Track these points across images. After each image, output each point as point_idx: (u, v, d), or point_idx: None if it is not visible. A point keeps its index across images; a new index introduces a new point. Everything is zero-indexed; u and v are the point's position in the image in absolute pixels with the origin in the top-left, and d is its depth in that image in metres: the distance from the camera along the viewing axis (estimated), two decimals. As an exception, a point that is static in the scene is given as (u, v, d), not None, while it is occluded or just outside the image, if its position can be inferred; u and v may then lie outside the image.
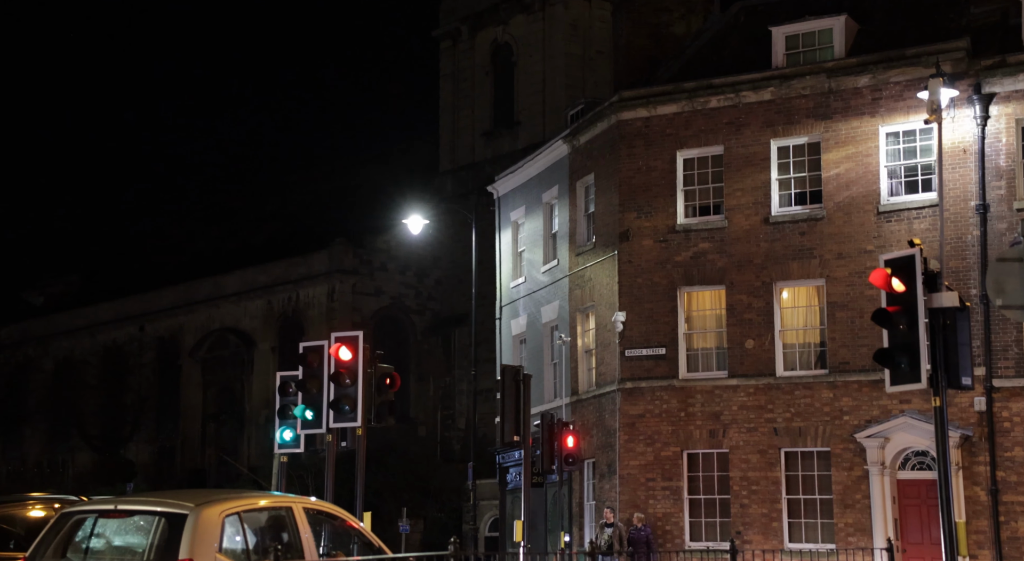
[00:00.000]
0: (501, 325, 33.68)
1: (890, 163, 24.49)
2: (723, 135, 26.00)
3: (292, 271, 48.32)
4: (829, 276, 24.77)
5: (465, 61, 47.82)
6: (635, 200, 26.66)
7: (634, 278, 26.53)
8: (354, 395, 17.99)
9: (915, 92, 23.60)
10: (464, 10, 47.78)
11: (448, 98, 48.42)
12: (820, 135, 25.11)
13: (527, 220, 32.31)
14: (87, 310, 56.65)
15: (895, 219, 24.19)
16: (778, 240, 25.32)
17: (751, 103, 25.78)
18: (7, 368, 55.91)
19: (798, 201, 25.42)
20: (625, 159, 26.82)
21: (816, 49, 26.35)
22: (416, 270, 48.51)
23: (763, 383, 25.16)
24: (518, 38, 46.23)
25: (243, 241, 54.63)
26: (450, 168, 48.27)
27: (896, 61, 24.36)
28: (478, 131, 47.50)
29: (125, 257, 62.64)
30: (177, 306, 52.22)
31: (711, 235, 25.94)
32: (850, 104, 24.82)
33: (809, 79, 25.21)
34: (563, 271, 29.81)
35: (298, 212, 54.45)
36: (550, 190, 30.89)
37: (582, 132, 28.83)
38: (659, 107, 26.64)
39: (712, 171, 26.24)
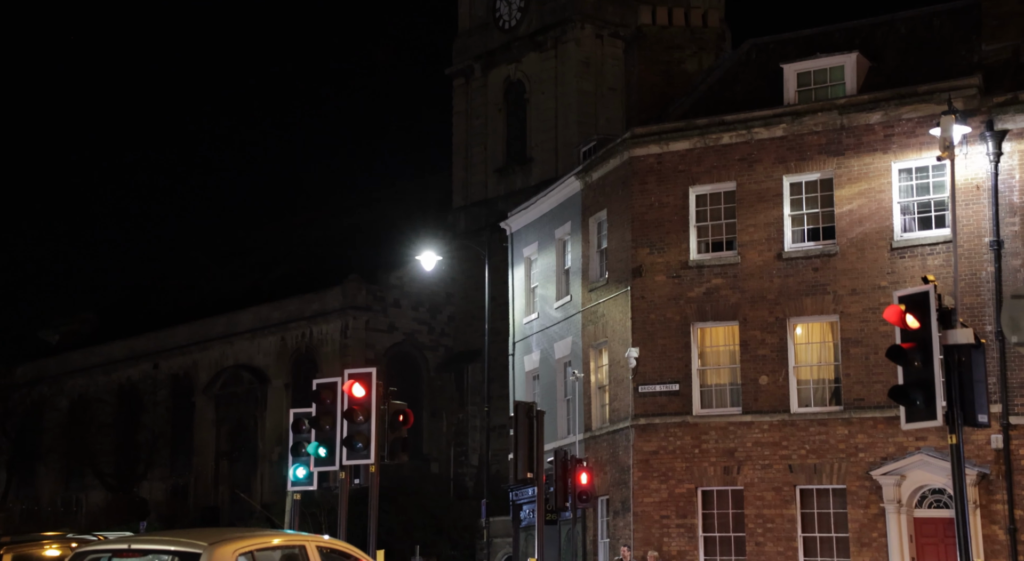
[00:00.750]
0: (514, 361, 33.64)
1: (903, 199, 24.48)
2: (735, 171, 26.04)
3: (306, 308, 48.40)
4: (843, 312, 24.70)
5: (478, 98, 48.07)
6: (648, 236, 26.68)
7: (647, 314, 26.49)
8: (367, 432, 17.96)
9: (927, 129, 23.63)
10: (477, 48, 48.08)
11: (461, 135, 48.63)
12: (833, 171, 25.13)
13: (540, 256, 32.35)
14: (102, 348, 56.78)
15: (909, 255, 24.14)
16: (791, 276, 25.28)
17: (763, 139, 25.84)
18: (22, 407, 55.97)
19: (811, 237, 25.40)
20: (638, 195, 26.87)
21: (828, 86, 26.43)
22: (429, 306, 48.55)
23: (777, 420, 25.03)
24: (531, 75, 46.47)
25: (257, 278, 54.78)
26: (463, 204, 48.40)
27: (908, 98, 24.41)
28: (491, 167, 47.67)
29: (140, 295, 62.85)
30: (191, 343, 52.30)
31: (724, 271, 25.92)
32: (862, 140, 24.86)
33: (821, 116, 25.27)
34: (576, 307, 29.79)
35: (312, 249, 54.60)
36: (563, 226, 30.94)
37: (594, 168, 28.91)
38: (671, 143, 26.72)
39: (725, 207, 26.25)
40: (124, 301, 63.27)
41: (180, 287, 60.10)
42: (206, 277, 59.30)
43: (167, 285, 61.96)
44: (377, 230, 51.70)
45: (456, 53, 48.87)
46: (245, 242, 60.48)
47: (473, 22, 48.40)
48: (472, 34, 48.29)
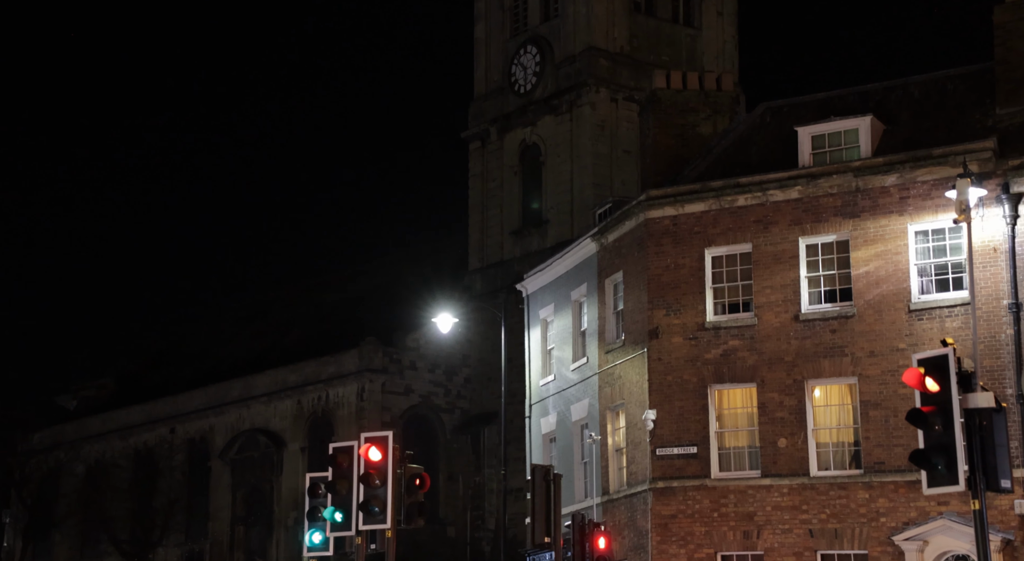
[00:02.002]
0: (531, 423, 33.49)
1: (920, 261, 24.46)
2: (751, 233, 26.09)
3: (322, 370, 48.38)
4: (861, 374, 24.57)
5: (494, 161, 48.41)
6: (664, 298, 26.68)
7: (664, 376, 26.41)
8: (384, 496, 17.88)
9: (943, 191, 23.67)
10: (492, 112, 48.52)
11: (477, 197, 48.91)
12: (848, 233, 25.16)
13: (556, 318, 32.35)
14: (119, 413, 56.74)
15: (927, 317, 24.06)
16: (809, 338, 25.20)
17: (778, 201, 25.91)
18: (38, 473, 55.82)
19: (828, 299, 25.36)
20: (653, 257, 26.92)
21: (842, 148, 26.57)
22: (445, 368, 48.47)
23: (797, 483, 24.79)
24: (546, 138, 46.82)
25: (274, 341, 54.82)
26: (479, 266, 48.53)
27: (923, 160, 24.50)
28: (507, 229, 47.85)
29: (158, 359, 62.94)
30: (208, 407, 52.24)
31: (741, 333, 25.86)
32: (878, 202, 24.92)
33: (836, 178, 25.36)
34: (593, 369, 29.71)
35: (329, 311, 54.70)
36: (579, 288, 30.97)
37: (610, 230, 29.00)
38: (687, 205, 26.82)
39: (741, 269, 26.27)
40: (141, 366, 63.37)
41: (197, 351, 60.17)
42: (223, 341, 59.39)
43: (184, 349, 62.05)
44: (393, 292, 51.81)
45: (472, 117, 49.32)
46: (262, 305, 60.63)
47: (489, 86, 48.91)
48: (488, 98, 48.78)
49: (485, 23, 49.20)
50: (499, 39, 48.77)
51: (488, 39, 49.08)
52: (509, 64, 48.16)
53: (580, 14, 45.82)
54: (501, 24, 48.73)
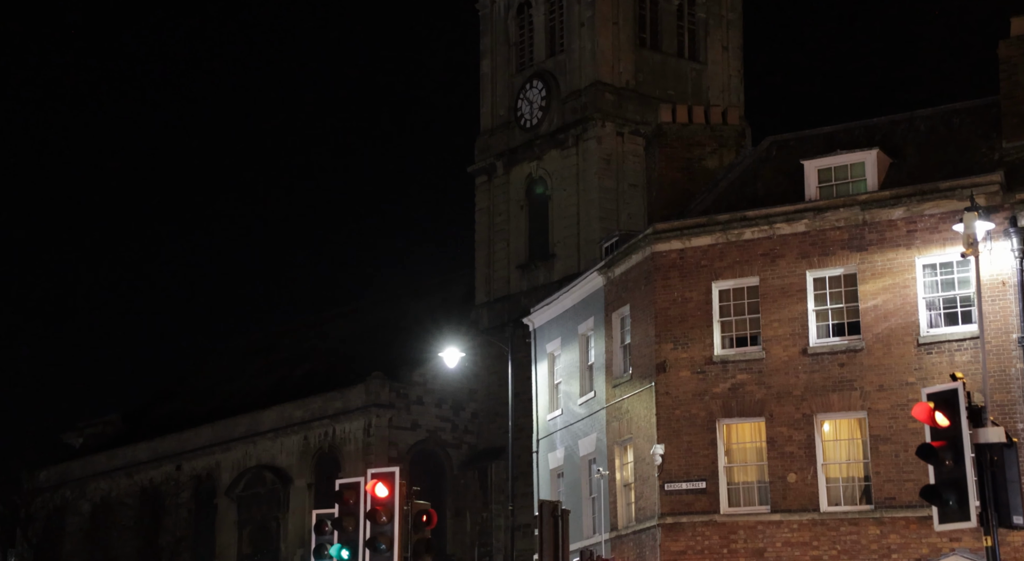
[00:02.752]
0: (538, 458, 33.31)
1: (928, 295, 24.39)
2: (758, 266, 26.04)
3: (329, 406, 48.25)
4: (871, 408, 24.43)
5: (500, 195, 48.50)
6: (671, 331, 26.60)
7: (672, 410, 26.28)
8: (390, 533, 17.78)
9: (950, 224, 23.63)
10: (499, 147, 48.65)
11: (484, 232, 48.95)
12: (856, 266, 25.10)
13: (563, 352, 32.25)
14: (125, 450, 56.53)
15: (936, 351, 23.96)
16: (817, 371, 25.09)
17: (785, 235, 25.88)
18: (44, 511, 55.51)
19: (836, 332, 25.26)
20: (660, 290, 26.86)
21: (849, 182, 26.58)
22: (452, 403, 48.31)
23: (807, 518, 24.58)
24: (552, 172, 46.91)
25: (281, 377, 54.72)
26: (486, 301, 48.49)
27: (930, 194, 24.49)
28: (513, 264, 47.85)
29: (164, 396, 62.82)
30: (214, 444, 52.05)
31: (749, 366, 25.75)
32: (885, 236, 24.87)
33: (843, 211, 25.34)
34: (600, 403, 29.58)
35: (335, 347, 54.63)
36: (586, 322, 30.90)
37: (617, 264, 28.97)
38: (693, 239, 26.79)
39: (748, 302, 26.20)
40: (148, 403, 63.22)
41: (204, 387, 60.05)
42: (230, 376, 59.28)
43: (191, 386, 61.93)
44: (400, 327, 51.76)
45: (478, 151, 49.46)
46: (269, 340, 60.56)
47: (495, 121, 49.08)
48: (494, 133, 48.94)
49: (491, 58, 49.45)
50: (505, 74, 48.99)
51: (494, 74, 49.32)
52: (515, 99, 48.34)
53: (586, 49, 46.04)
54: (507, 59, 48.98)
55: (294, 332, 59.79)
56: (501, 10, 49.25)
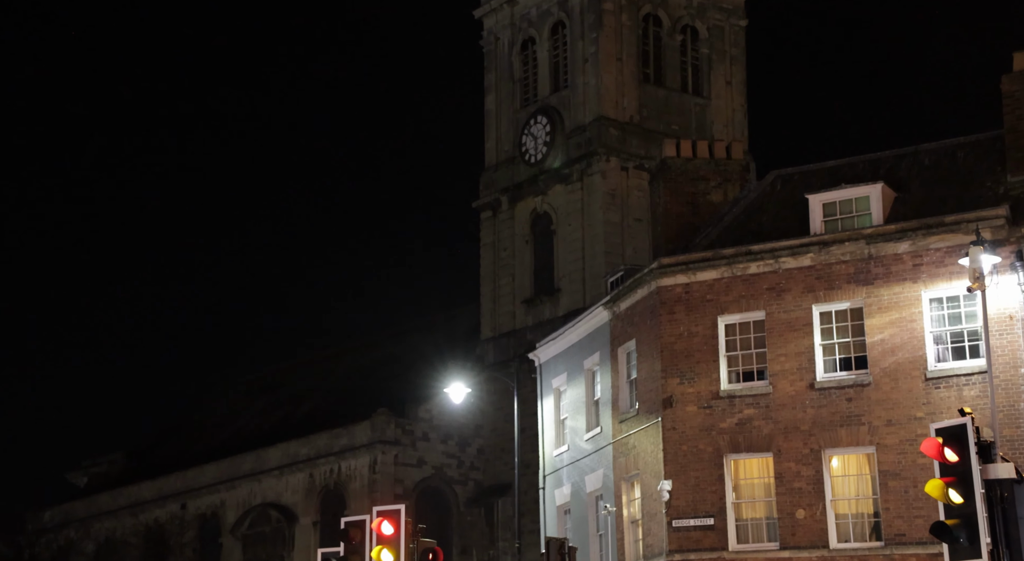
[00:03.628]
0: (545, 495, 33.12)
1: (935, 329, 24.31)
2: (764, 300, 25.99)
3: (334, 443, 48.08)
4: (879, 443, 24.29)
5: (505, 230, 48.54)
6: (677, 366, 26.51)
7: (679, 445, 26.14)
8: (396, 572, 17.60)
9: (956, 258, 23.59)
10: (503, 182, 48.76)
11: (489, 266, 48.96)
12: (862, 300, 25.05)
13: (569, 387, 32.15)
14: (129, 489, 56.28)
15: (944, 385, 23.85)
16: (825, 406, 24.97)
17: (791, 269, 25.85)
18: (48, 552, 55.18)
19: (843, 366, 25.17)
20: (666, 325, 26.81)
21: (854, 216, 26.58)
22: (458, 439, 48.12)
23: (816, 555, 24.38)
24: (557, 207, 46.97)
25: (286, 414, 54.56)
26: (491, 336, 48.40)
27: (935, 228, 24.48)
28: (519, 298, 47.80)
29: (169, 434, 62.65)
30: (219, 482, 51.81)
31: (756, 401, 25.64)
32: (891, 270, 24.83)
33: (848, 245, 25.31)
34: (607, 439, 29.44)
35: (340, 383, 54.51)
36: (591, 356, 30.82)
37: (622, 298, 28.93)
38: (699, 273, 26.76)
39: (755, 336, 26.14)
40: (153, 441, 63.02)
41: (209, 425, 59.88)
42: (235, 414, 59.14)
43: (196, 423, 61.75)
44: (406, 363, 51.66)
45: (483, 187, 49.56)
46: (274, 377, 60.44)
47: (499, 156, 49.23)
48: (499, 168, 49.07)
49: (495, 94, 49.68)
50: (509, 110, 49.19)
51: (498, 110, 49.52)
52: (519, 134, 48.50)
53: (590, 85, 46.23)
54: (511, 95, 49.20)
55: (299, 369, 59.69)
56: (505, 47, 49.54)
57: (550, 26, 48.11)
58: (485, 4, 50.05)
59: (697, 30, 48.35)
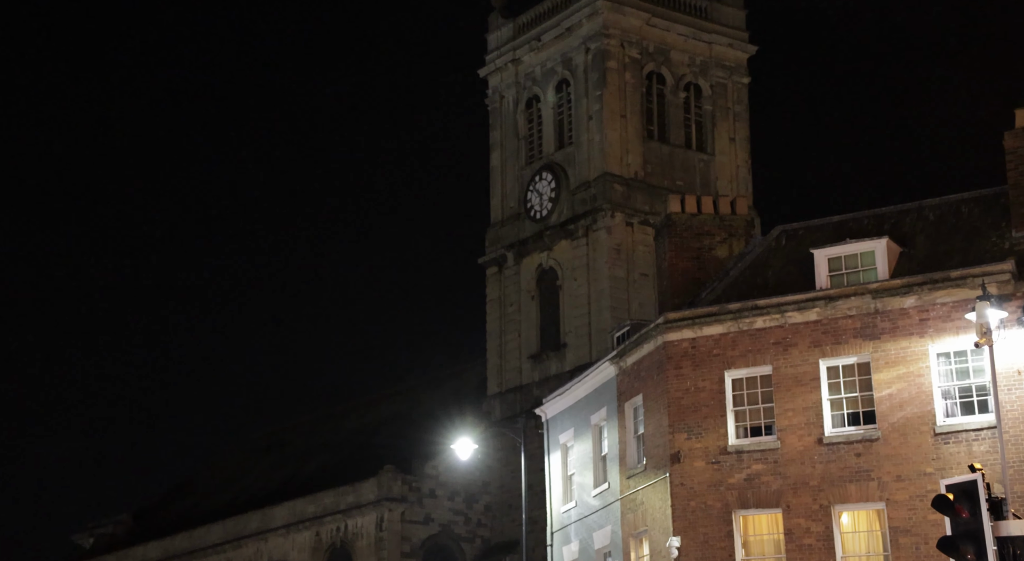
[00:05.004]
0: (552, 552, 32.87)
1: (943, 384, 24.28)
2: (771, 355, 26.00)
3: (341, 500, 47.83)
4: (889, 499, 24.15)
5: (511, 286, 48.68)
6: (685, 421, 26.46)
7: (687, 501, 26.01)
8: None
9: (963, 313, 23.62)
10: (509, 238, 49.00)
11: (495, 322, 49.03)
12: (869, 355, 25.06)
13: (576, 442, 32.04)
14: (136, 550, 55.87)
15: (953, 441, 23.77)
16: (834, 461, 24.87)
17: (797, 323, 25.88)
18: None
19: (851, 421, 25.11)
20: (673, 380, 26.79)
21: (859, 271, 26.66)
22: (465, 496, 47.85)
23: (828, 613, 24.13)
24: (563, 263, 47.14)
25: (292, 472, 54.33)
26: (498, 391, 48.35)
27: (941, 283, 24.55)
28: (525, 354, 47.81)
29: (176, 494, 62.32)
30: (225, 541, 51.45)
31: (764, 456, 25.55)
32: (898, 324, 24.86)
33: (854, 300, 25.37)
34: (614, 495, 29.30)
35: (347, 440, 54.34)
36: (598, 412, 30.76)
37: (629, 353, 28.94)
38: (705, 328, 26.80)
39: (762, 391, 26.11)
40: (159, 501, 62.68)
41: (215, 484, 59.59)
42: (241, 472, 58.88)
43: (202, 483, 61.45)
44: (412, 419, 51.54)
45: (489, 243, 49.79)
46: (280, 435, 60.27)
47: (505, 212, 49.53)
48: (504, 224, 49.34)
49: (500, 151, 50.10)
50: (514, 166, 49.58)
51: (504, 167, 49.91)
52: (525, 190, 48.83)
53: (594, 142, 46.61)
54: (516, 152, 49.60)
55: (305, 426, 59.53)
56: (510, 105, 50.04)
57: (554, 84, 48.62)
58: (490, 63, 50.63)
59: (700, 88, 48.82)
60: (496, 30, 50.67)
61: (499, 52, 50.28)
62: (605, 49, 46.54)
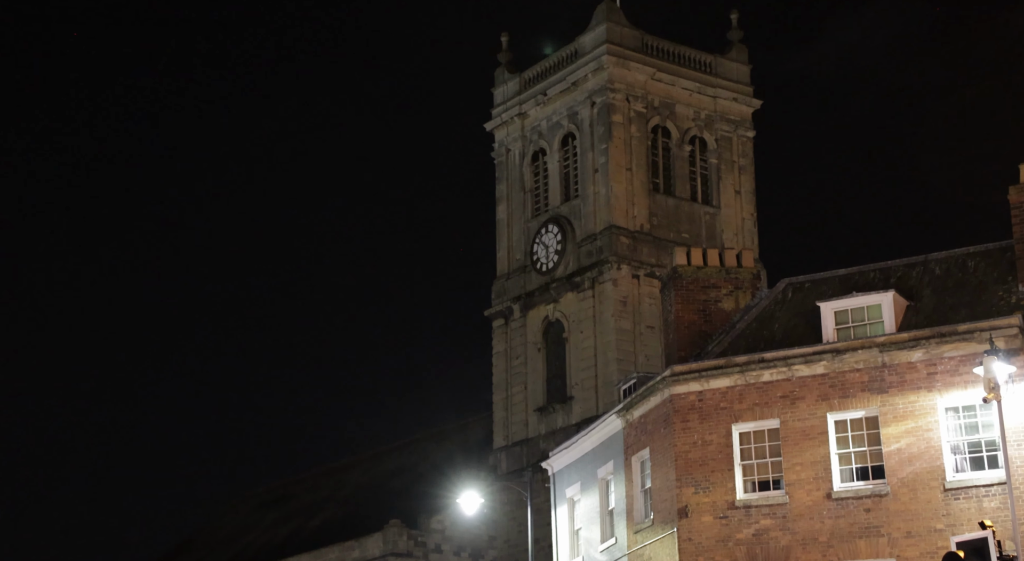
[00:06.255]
0: (560, 608, 32.56)
1: (952, 438, 24.17)
2: (778, 408, 25.92)
3: (346, 556, 47.46)
4: (899, 556, 23.95)
5: (517, 338, 48.65)
6: (692, 475, 26.32)
7: (695, 557, 25.80)
8: None
9: (971, 367, 23.57)
10: (515, 290, 49.07)
11: (501, 375, 48.95)
12: (877, 409, 24.97)
13: (583, 496, 31.85)
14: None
15: (963, 497, 23.60)
16: (843, 517, 24.69)
17: (804, 377, 25.83)
18: None
19: (860, 476, 24.96)
20: (680, 433, 26.69)
21: (866, 324, 26.65)
22: (471, 551, 47.47)
23: None
24: (569, 315, 47.14)
25: (297, 527, 53.96)
26: (504, 444, 48.14)
27: (949, 337, 24.53)
28: (531, 406, 47.66)
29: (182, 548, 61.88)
30: (230, 597, 51.08)
31: (773, 511, 25.37)
32: (905, 378, 24.80)
33: (861, 353, 25.33)
34: (622, 549, 29.06)
35: (352, 495, 54.04)
36: (605, 465, 30.60)
37: (635, 406, 28.86)
38: (712, 381, 26.75)
39: (769, 445, 26.00)
40: (164, 558, 62.24)
41: (220, 540, 59.16)
42: (246, 528, 58.49)
43: (207, 539, 61.03)
44: (418, 473, 51.27)
45: (495, 295, 49.85)
46: (286, 489, 59.98)
47: (511, 265, 49.64)
48: (510, 276, 49.43)
49: (507, 204, 50.34)
50: (520, 219, 49.78)
51: (510, 219, 50.11)
52: (531, 243, 48.98)
53: (600, 194, 46.82)
54: (522, 205, 49.84)
55: (310, 481, 59.21)
56: (516, 158, 50.37)
57: (560, 138, 48.97)
58: (496, 117, 51.04)
59: (705, 141, 49.13)
60: (502, 85, 51.13)
61: (505, 106, 50.70)
62: (610, 103, 46.92)
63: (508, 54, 51.55)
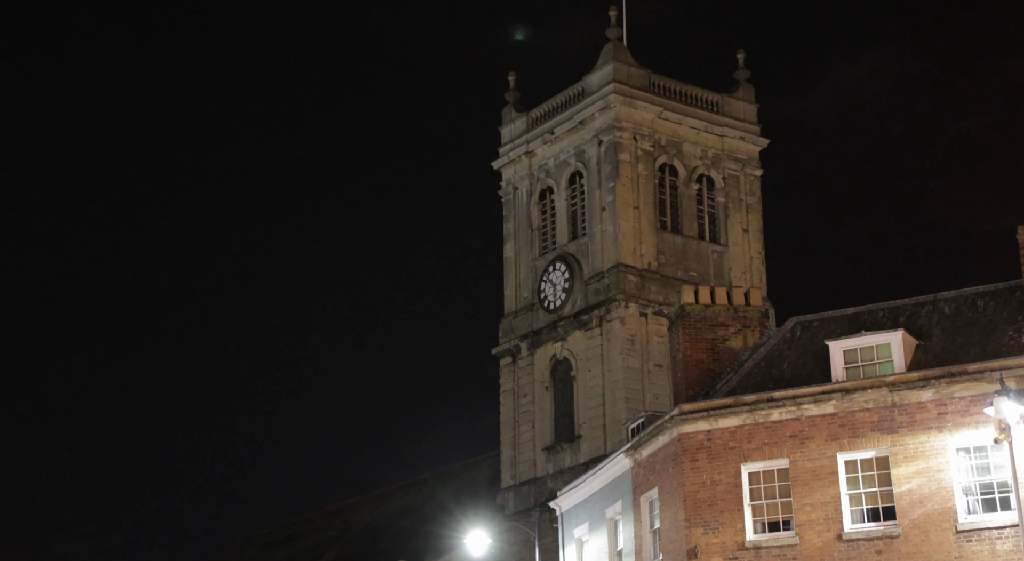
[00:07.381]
0: (568, 651, 32.24)
1: (964, 479, 23.97)
2: (787, 448, 25.76)
3: (352, 595, 47.11)
4: (912, 598, 23.65)
5: (525, 377, 48.51)
6: (701, 515, 26.11)
7: (705, 599, 25.52)
8: None
9: (982, 407, 23.43)
10: (522, 329, 48.99)
11: (508, 414, 48.76)
12: (888, 449, 24.80)
13: (591, 537, 31.62)
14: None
15: (976, 539, 23.37)
16: (854, 558, 24.46)
17: (814, 416, 25.68)
18: None
19: (871, 517, 24.73)
20: (689, 473, 26.52)
21: (875, 363, 26.53)
22: (479, 591, 47.03)
23: None
24: (577, 353, 47.01)
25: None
26: (512, 484, 47.87)
27: (959, 376, 24.40)
28: (539, 445, 47.43)
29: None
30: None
31: (783, 552, 25.14)
32: (915, 418, 24.65)
33: (871, 393, 25.20)
34: (631, 592, 28.80)
35: (359, 534, 53.73)
36: (614, 505, 30.40)
37: (643, 445, 28.70)
38: (720, 420, 26.61)
39: (779, 485, 25.80)
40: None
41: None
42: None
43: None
44: (425, 512, 50.97)
45: (502, 333, 49.77)
46: (292, 529, 59.65)
47: (519, 303, 49.60)
48: (518, 315, 49.38)
49: (514, 242, 50.38)
50: (528, 257, 49.80)
51: (517, 258, 50.13)
52: (538, 281, 48.96)
53: (607, 233, 46.86)
54: (530, 243, 49.88)
55: (316, 520, 58.90)
56: (523, 196, 50.48)
57: (567, 176, 49.09)
58: (504, 156, 51.23)
59: (713, 179, 49.21)
60: (510, 123, 51.35)
61: (513, 145, 50.89)
62: (618, 142, 47.05)
63: (516, 93, 51.80)
